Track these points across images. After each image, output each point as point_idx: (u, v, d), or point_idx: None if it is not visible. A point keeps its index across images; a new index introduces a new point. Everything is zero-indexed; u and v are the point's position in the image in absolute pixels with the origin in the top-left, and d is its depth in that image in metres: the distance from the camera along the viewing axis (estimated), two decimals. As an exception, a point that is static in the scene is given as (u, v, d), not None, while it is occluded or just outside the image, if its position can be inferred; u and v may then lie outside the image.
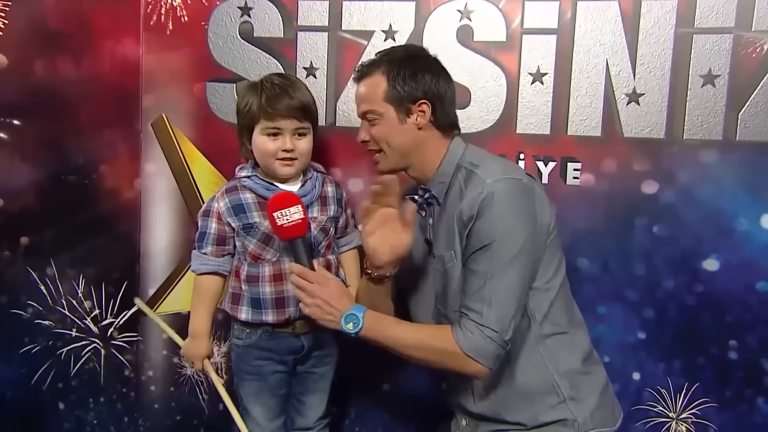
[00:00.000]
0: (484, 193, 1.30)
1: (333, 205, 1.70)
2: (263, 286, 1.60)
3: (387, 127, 1.43)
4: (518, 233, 1.30)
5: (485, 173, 1.35)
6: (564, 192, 1.78)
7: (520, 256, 1.30)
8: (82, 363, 2.14)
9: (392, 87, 1.41)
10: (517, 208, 1.31)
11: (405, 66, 1.42)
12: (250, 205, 1.61)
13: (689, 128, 1.71)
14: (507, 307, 1.29)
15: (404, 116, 1.42)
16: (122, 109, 2.04)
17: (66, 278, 2.09)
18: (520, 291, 1.31)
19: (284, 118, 1.56)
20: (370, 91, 1.44)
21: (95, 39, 2.01)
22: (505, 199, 1.30)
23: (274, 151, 1.57)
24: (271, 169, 1.60)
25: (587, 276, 1.79)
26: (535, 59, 1.78)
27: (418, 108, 1.42)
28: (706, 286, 1.74)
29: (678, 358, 1.79)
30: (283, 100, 1.56)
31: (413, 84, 1.41)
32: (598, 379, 1.46)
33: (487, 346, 1.28)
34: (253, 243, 1.60)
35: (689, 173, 1.72)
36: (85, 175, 2.05)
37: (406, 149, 1.44)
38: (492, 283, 1.29)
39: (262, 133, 1.58)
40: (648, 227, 1.76)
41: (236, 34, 1.95)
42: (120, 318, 2.13)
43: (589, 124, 1.76)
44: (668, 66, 1.70)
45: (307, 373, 1.74)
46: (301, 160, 1.61)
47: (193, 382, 2.12)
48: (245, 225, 1.60)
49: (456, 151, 1.44)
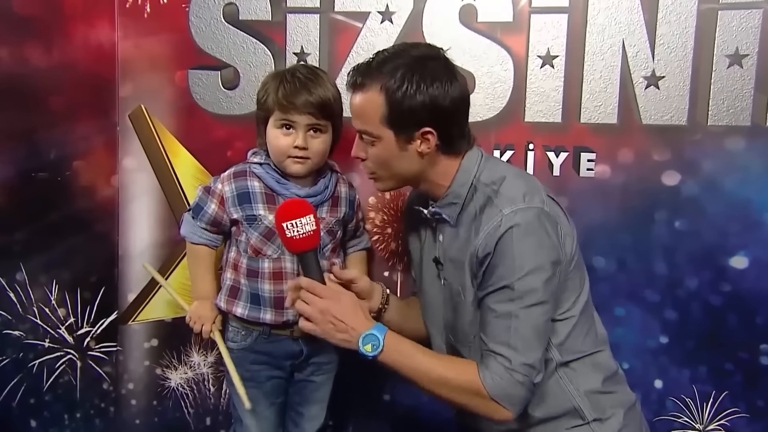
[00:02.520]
0: (501, 227, 1.26)
1: (344, 207, 1.69)
2: (262, 282, 1.60)
3: (384, 152, 1.34)
4: (541, 270, 1.26)
5: (502, 201, 1.29)
6: (577, 185, 1.76)
7: (544, 295, 1.26)
8: (56, 376, 2.11)
9: (391, 109, 1.29)
10: (538, 242, 1.26)
11: (407, 80, 1.28)
12: (256, 195, 1.60)
13: (714, 113, 1.68)
14: (535, 349, 1.26)
15: (405, 143, 1.32)
16: (97, 100, 2.00)
17: (37, 284, 2.07)
18: (545, 329, 1.29)
19: (299, 112, 1.54)
20: (365, 109, 1.33)
21: (67, 23, 1.98)
22: (524, 234, 1.25)
23: (286, 147, 1.56)
24: (282, 165, 1.60)
25: (603, 275, 1.76)
26: (545, 41, 1.74)
27: (421, 135, 1.32)
28: (733, 285, 1.71)
29: (704, 363, 1.76)
30: (301, 95, 1.54)
31: (416, 105, 1.29)
32: (622, 397, 1.43)
33: (516, 392, 1.26)
34: (254, 236, 1.59)
35: (714, 162, 1.69)
36: (57, 171, 2.02)
37: (406, 175, 1.39)
38: (516, 325, 1.25)
39: (275, 126, 1.58)
40: (669, 222, 1.73)
41: (220, 17, 1.91)
42: (97, 327, 2.10)
43: (604, 110, 1.73)
44: (690, 46, 1.67)
45: (306, 382, 1.73)
46: (314, 159, 1.59)
47: (177, 395, 2.09)
48: (248, 216, 1.60)
49: (469, 168, 1.37)
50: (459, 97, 1.33)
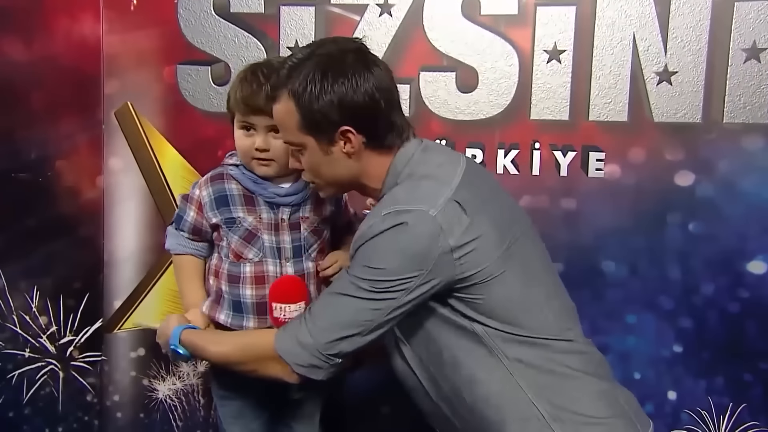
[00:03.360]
0: (372, 227, 1.22)
1: (329, 206, 1.66)
2: (244, 288, 1.56)
3: (312, 158, 1.31)
4: (390, 270, 1.20)
5: (387, 201, 1.25)
6: (586, 186, 1.74)
7: (367, 294, 1.22)
8: (36, 388, 2.09)
9: (303, 114, 1.26)
10: (400, 245, 1.20)
11: (311, 82, 1.24)
12: (234, 197, 1.57)
13: (730, 110, 1.67)
14: (328, 328, 1.26)
15: (327, 145, 1.28)
16: (81, 97, 1.99)
17: (17, 290, 2.04)
18: (348, 320, 1.25)
19: (257, 114, 1.51)
20: (282, 119, 1.31)
21: (48, 16, 1.96)
22: (390, 234, 1.19)
23: (248, 148, 1.54)
24: (249, 167, 1.57)
25: (614, 281, 1.76)
26: (552, 34, 1.73)
27: (341, 135, 1.27)
28: (751, 291, 1.70)
29: (720, 374, 1.75)
30: (258, 96, 1.49)
31: (325, 106, 1.24)
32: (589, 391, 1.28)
33: (296, 350, 1.27)
34: (234, 240, 1.56)
35: (730, 162, 1.68)
36: (39, 171, 2.01)
37: (341, 180, 1.34)
38: (328, 300, 1.29)
39: (237, 126, 1.56)
40: (683, 225, 1.72)
41: (210, 10, 1.90)
42: (81, 335, 2.07)
43: (614, 107, 1.72)
44: (705, 39, 1.66)
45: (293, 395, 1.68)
46: (279, 160, 1.55)
47: (165, 407, 2.06)
48: (227, 219, 1.56)
49: (397, 168, 1.30)
50: (376, 88, 1.25)
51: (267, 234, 1.55)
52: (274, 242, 1.54)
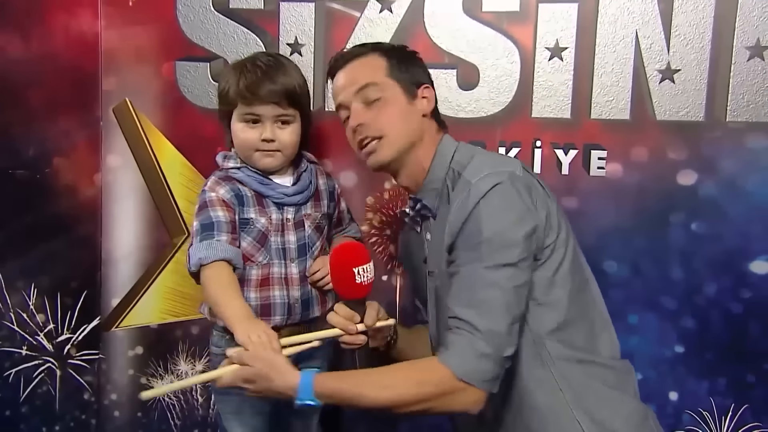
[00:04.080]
0: (470, 196, 1.22)
1: (326, 200, 1.68)
2: (248, 291, 1.57)
3: (394, 107, 1.35)
4: (507, 230, 1.20)
5: (471, 173, 1.28)
6: (587, 184, 1.74)
7: (512, 257, 1.19)
8: (33, 386, 2.09)
9: (392, 65, 1.36)
10: (507, 202, 1.22)
11: (399, 50, 1.40)
12: (248, 198, 1.56)
13: (733, 109, 1.66)
14: (500, 315, 1.17)
15: (411, 98, 1.37)
16: (79, 93, 1.98)
17: (15, 288, 2.05)
18: (514, 297, 1.19)
19: (263, 103, 1.52)
20: (367, 67, 1.37)
21: (46, 12, 1.95)
22: (491, 194, 1.21)
23: (253, 141, 1.54)
24: (251, 161, 1.57)
25: (616, 281, 1.74)
26: (554, 31, 1.72)
27: (422, 92, 1.37)
28: (754, 292, 1.69)
29: (723, 374, 1.74)
30: (264, 84, 1.52)
31: (414, 66, 1.39)
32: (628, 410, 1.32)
33: (483, 366, 1.16)
34: (247, 241, 1.55)
35: (733, 161, 1.67)
36: (36, 169, 2.00)
37: (410, 138, 1.36)
38: (481, 285, 1.19)
39: (239, 120, 1.55)
40: (685, 224, 1.71)
41: (209, 6, 1.89)
42: (78, 333, 2.06)
43: (616, 106, 1.71)
44: (708, 36, 1.65)
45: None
46: (285, 151, 1.57)
47: (163, 406, 2.05)
48: (242, 220, 1.55)
49: (446, 150, 1.37)
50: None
51: (274, 235, 1.55)
52: (280, 243, 1.55)
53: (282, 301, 1.56)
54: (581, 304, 1.33)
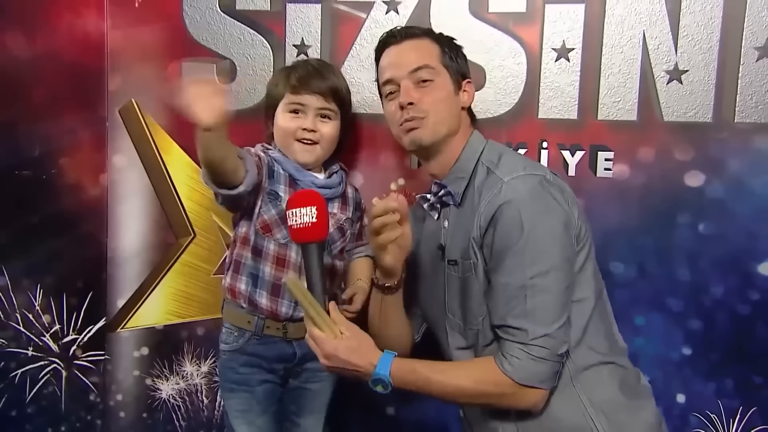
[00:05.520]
0: (502, 193, 1.25)
1: (351, 207, 1.73)
2: (264, 264, 1.62)
3: (442, 92, 1.40)
4: (551, 234, 1.23)
5: (503, 170, 1.30)
6: (594, 185, 1.73)
7: (557, 260, 1.22)
8: (39, 387, 2.09)
9: (444, 53, 1.42)
10: (545, 206, 1.24)
11: (449, 40, 1.46)
12: (280, 175, 1.62)
13: (741, 110, 1.65)
14: (554, 319, 1.21)
15: (456, 88, 1.42)
16: (85, 93, 1.98)
17: (20, 289, 2.05)
18: (564, 297, 1.24)
19: (310, 93, 1.60)
20: (422, 50, 1.41)
21: (52, 11, 1.96)
22: (528, 197, 1.23)
23: (295, 128, 1.61)
24: (290, 151, 1.63)
25: (622, 282, 1.74)
26: (560, 32, 1.72)
27: (465, 86, 1.43)
28: (762, 293, 1.68)
29: (730, 376, 1.73)
30: (313, 78, 1.61)
31: (462, 59, 1.44)
32: (645, 414, 1.34)
33: (540, 369, 1.22)
34: (270, 214, 1.60)
35: (741, 162, 1.66)
36: (42, 169, 2.01)
37: (449, 126, 1.41)
38: (532, 294, 1.21)
39: (285, 110, 1.63)
40: (693, 225, 1.70)
41: (216, 7, 1.90)
42: (84, 334, 2.07)
43: (623, 106, 1.71)
44: (716, 37, 1.65)
45: (301, 389, 1.71)
46: (323, 145, 1.63)
47: (169, 407, 2.05)
48: (271, 191, 1.61)
49: (476, 144, 1.41)
50: None
51: None
52: None
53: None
54: (601, 305, 1.36)
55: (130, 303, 2.03)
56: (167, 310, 1.99)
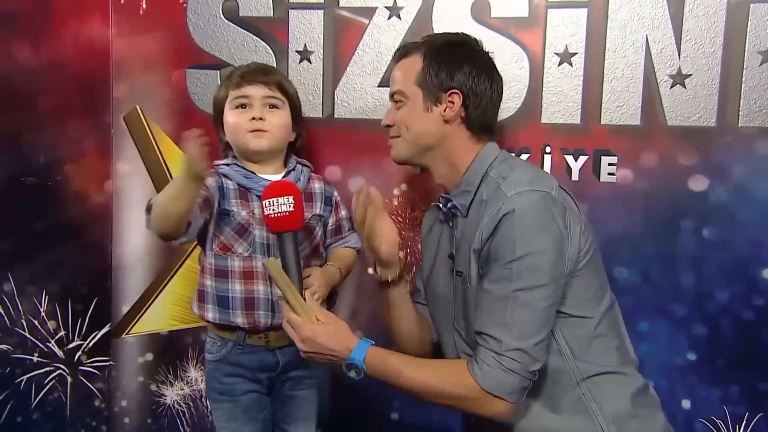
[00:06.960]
0: (503, 208, 1.26)
1: (319, 203, 1.70)
2: (233, 282, 1.60)
3: (410, 111, 1.42)
4: (542, 252, 1.24)
5: (508, 185, 1.31)
6: (597, 190, 1.73)
7: (544, 278, 1.23)
8: (45, 393, 2.09)
9: (426, 70, 1.40)
10: (542, 224, 1.25)
11: (445, 52, 1.42)
12: (230, 190, 1.62)
13: (745, 114, 1.65)
14: (531, 334, 1.22)
15: (431, 104, 1.41)
16: (90, 101, 1.99)
17: (26, 295, 2.05)
18: (545, 316, 1.25)
19: (253, 84, 1.61)
20: (403, 71, 1.44)
21: (57, 19, 1.97)
22: (526, 214, 1.25)
23: (243, 121, 1.61)
24: (242, 143, 1.62)
25: (626, 287, 1.73)
26: (563, 37, 1.72)
27: (448, 98, 1.40)
28: (766, 299, 1.68)
29: (736, 382, 1.72)
30: (254, 72, 1.63)
31: (449, 72, 1.40)
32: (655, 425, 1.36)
33: (508, 380, 1.22)
34: (225, 232, 1.60)
35: (745, 167, 1.66)
36: (47, 176, 2.01)
37: (424, 140, 1.42)
38: (513, 306, 1.23)
39: (231, 107, 1.64)
40: (697, 230, 1.70)
41: (219, 14, 1.90)
42: (89, 340, 2.07)
43: (627, 111, 1.71)
44: (720, 41, 1.64)
45: (288, 397, 1.71)
46: (274, 133, 1.63)
47: (173, 413, 2.06)
48: (222, 210, 1.60)
49: (486, 157, 1.40)
50: (490, 82, 1.41)
51: (258, 230, 1.57)
52: (265, 238, 1.57)
53: (266, 297, 1.58)
54: (612, 317, 1.37)
55: (135, 309, 2.04)
56: (172, 315, 2.00)
